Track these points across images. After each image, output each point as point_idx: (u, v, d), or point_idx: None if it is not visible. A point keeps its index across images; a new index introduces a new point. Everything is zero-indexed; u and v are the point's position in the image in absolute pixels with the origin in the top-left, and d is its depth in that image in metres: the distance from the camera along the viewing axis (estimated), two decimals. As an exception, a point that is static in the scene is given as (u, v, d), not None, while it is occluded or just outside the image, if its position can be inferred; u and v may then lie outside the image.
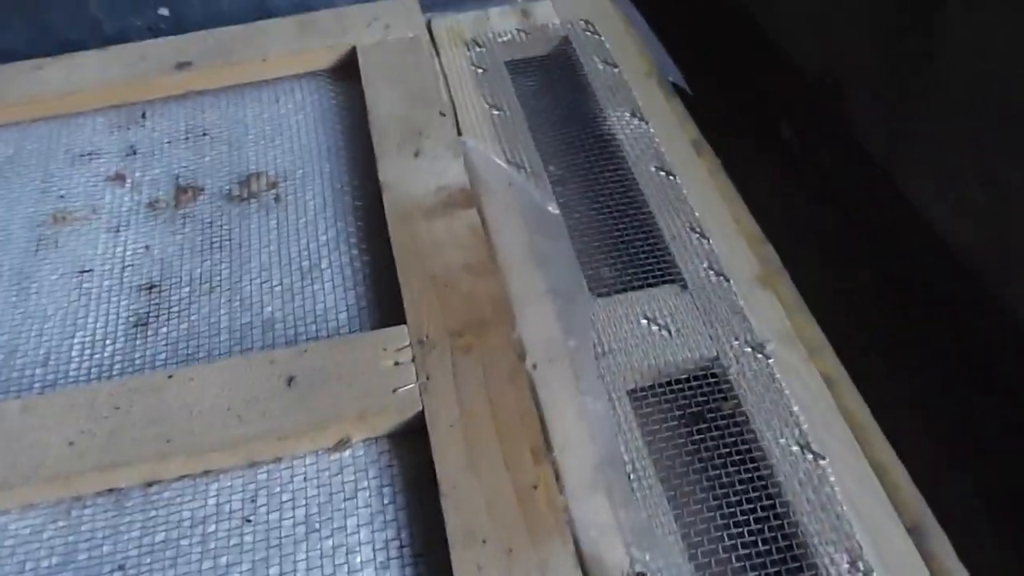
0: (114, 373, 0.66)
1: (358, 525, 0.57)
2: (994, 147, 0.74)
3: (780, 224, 0.76)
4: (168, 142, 0.84)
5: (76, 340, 0.68)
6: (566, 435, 0.59)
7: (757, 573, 0.56)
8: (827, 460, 0.60)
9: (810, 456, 0.60)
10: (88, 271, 0.73)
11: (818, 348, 0.68)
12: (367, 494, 0.58)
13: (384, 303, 0.68)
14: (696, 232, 0.72)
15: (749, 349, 0.65)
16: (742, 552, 0.57)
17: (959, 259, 0.81)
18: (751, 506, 0.59)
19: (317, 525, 0.57)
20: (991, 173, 0.74)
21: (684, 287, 0.68)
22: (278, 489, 0.59)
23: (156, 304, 0.70)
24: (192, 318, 0.69)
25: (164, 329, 0.69)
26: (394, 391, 0.61)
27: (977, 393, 0.78)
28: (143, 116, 0.86)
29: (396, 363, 0.62)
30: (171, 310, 0.70)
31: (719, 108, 1.00)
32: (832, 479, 0.59)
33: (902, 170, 0.96)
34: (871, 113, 0.96)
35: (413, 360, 0.62)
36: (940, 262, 0.83)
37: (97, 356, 0.67)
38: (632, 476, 0.58)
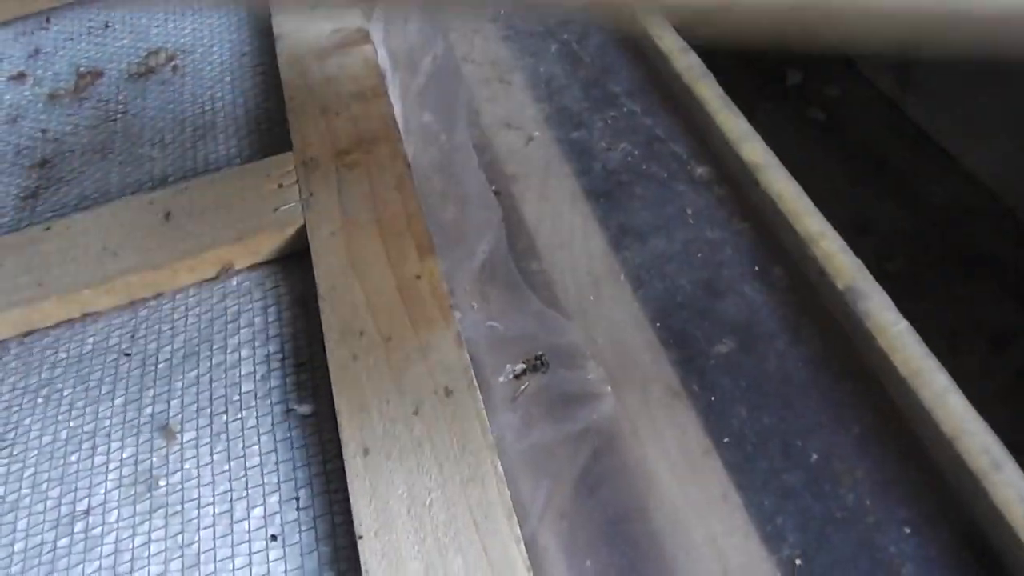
0: (1, 242, 0.63)
1: (239, 344, 0.53)
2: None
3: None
4: (71, 39, 0.81)
5: (-36, 223, 0.65)
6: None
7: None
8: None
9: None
10: (-19, 160, 0.70)
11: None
12: (251, 315, 0.54)
13: (277, 144, 0.64)
14: None
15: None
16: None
17: (969, 172, 0.81)
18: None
19: (196, 349, 0.53)
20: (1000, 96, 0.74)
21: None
22: (158, 323, 0.55)
23: (47, 177, 0.67)
24: (84, 184, 0.66)
25: (55, 198, 0.65)
26: (275, 211, 0.56)
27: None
28: (47, 21, 0.84)
29: (279, 186, 0.58)
30: (62, 179, 0.67)
31: (723, 57, 0.96)
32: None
33: (912, 101, 0.94)
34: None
35: (297, 182, 0.58)
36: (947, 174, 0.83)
37: (-15, 232, 0.64)
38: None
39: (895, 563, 0.43)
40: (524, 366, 0.47)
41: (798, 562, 0.44)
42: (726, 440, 0.49)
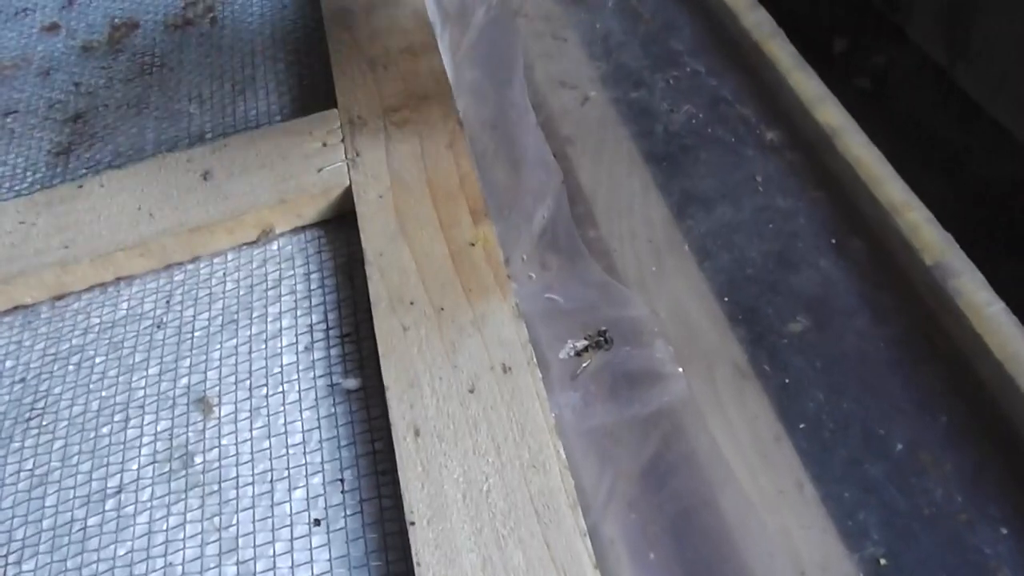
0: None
1: (280, 312, 0.50)
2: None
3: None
4: (106, -11, 0.78)
5: (-5, 177, 0.63)
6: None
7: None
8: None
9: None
10: (13, 112, 0.67)
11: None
12: (292, 282, 0.51)
13: (321, 100, 0.60)
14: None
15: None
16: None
17: (1022, 146, 0.75)
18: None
19: (235, 317, 0.50)
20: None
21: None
22: (195, 288, 0.52)
23: (80, 132, 0.64)
24: (118, 139, 0.63)
25: (87, 154, 0.62)
26: (319, 171, 0.53)
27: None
28: (81, -30, 0.81)
29: (324, 144, 0.55)
30: (95, 135, 0.64)
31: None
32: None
33: (963, 71, 0.89)
34: (929, 22, 0.89)
35: (342, 140, 0.54)
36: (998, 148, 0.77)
37: (17, 187, 0.61)
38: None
39: (991, 566, 0.40)
40: (586, 342, 0.44)
41: (883, 561, 0.40)
42: (801, 426, 0.45)
